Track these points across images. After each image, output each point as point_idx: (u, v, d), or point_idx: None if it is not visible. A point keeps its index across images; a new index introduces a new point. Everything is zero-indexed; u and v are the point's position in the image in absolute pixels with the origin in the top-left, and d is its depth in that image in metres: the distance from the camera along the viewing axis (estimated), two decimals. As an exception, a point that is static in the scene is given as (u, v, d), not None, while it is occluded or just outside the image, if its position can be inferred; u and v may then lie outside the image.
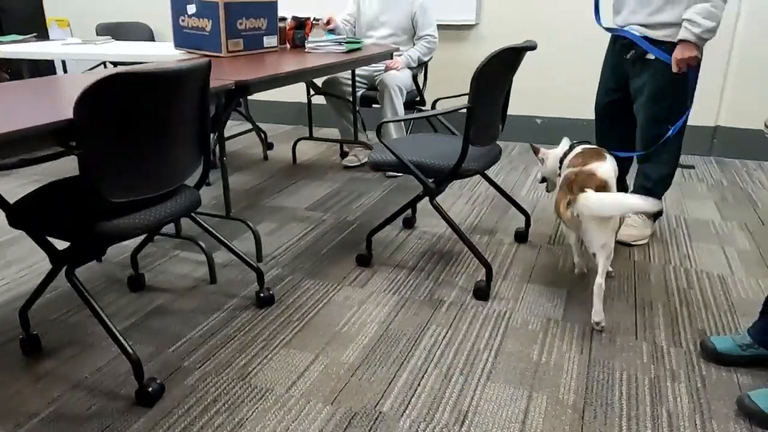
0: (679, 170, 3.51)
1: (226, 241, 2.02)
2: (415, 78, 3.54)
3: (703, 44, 2.21)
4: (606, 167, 1.97)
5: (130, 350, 1.53)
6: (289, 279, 2.22)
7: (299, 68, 2.43)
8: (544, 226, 2.70)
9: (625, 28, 2.37)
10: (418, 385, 1.62)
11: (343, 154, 3.81)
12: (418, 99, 3.59)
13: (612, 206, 1.80)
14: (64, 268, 1.62)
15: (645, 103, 2.39)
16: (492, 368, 1.69)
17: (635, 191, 2.52)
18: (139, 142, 1.49)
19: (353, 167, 3.60)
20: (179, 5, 2.92)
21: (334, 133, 3.95)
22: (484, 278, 2.08)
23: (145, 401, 1.54)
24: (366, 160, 3.69)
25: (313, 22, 3.36)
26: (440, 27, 3.58)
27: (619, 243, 2.48)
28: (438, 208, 2.12)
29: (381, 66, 3.46)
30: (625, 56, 2.39)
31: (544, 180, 2.41)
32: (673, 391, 1.58)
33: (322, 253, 2.43)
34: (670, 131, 2.34)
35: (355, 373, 1.67)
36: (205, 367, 1.70)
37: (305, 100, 3.74)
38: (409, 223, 2.69)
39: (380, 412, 1.51)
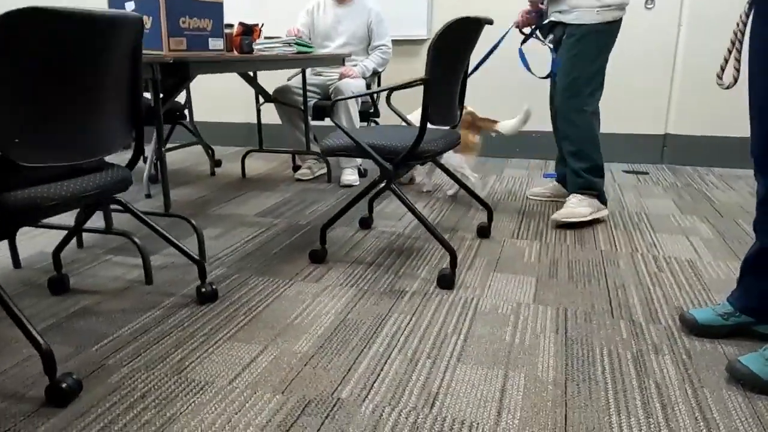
0: (633, 175, 3.54)
1: (162, 231, 1.81)
2: (368, 87, 3.46)
3: None
4: None
5: (40, 340, 1.29)
6: (235, 277, 2.01)
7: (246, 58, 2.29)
8: (507, 222, 2.59)
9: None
10: (381, 370, 1.43)
11: (296, 168, 3.65)
12: (372, 111, 3.51)
13: None
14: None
15: None
16: (462, 351, 1.52)
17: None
18: (56, 98, 1.31)
19: (306, 180, 3.45)
20: (118, 3, 2.77)
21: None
22: (449, 266, 1.94)
23: (57, 400, 1.30)
24: (320, 172, 3.54)
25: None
26: (392, 42, 3.54)
27: (563, 225, 2.53)
28: (397, 192, 1.98)
29: (335, 75, 3.38)
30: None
31: None
32: (659, 363, 1.45)
33: (272, 253, 2.24)
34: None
35: (309, 362, 1.47)
36: (134, 364, 1.46)
37: (255, 120, 3.59)
38: (366, 224, 2.54)
39: (338, 399, 1.32)
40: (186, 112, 3.60)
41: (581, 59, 2.48)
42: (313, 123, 3.44)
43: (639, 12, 3.64)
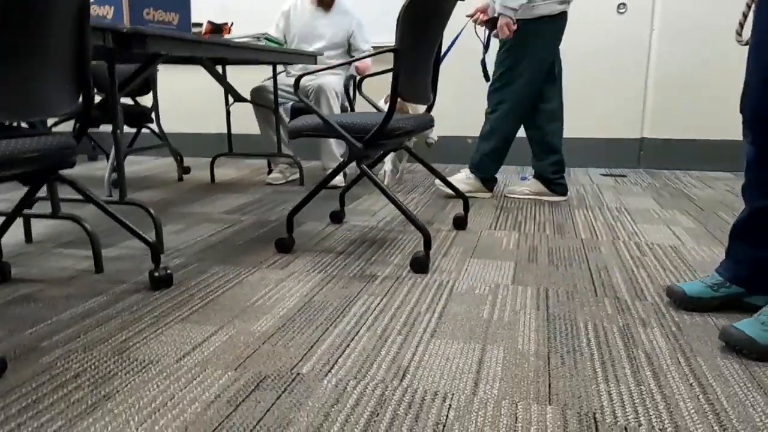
0: (611, 177, 3.49)
1: (112, 212, 1.67)
2: (346, 88, 3.40)
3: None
4: None
5: (-42, 312, 1.14)
6: (194, 266, 1.87)
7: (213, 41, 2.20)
8: (484, 217, 2.50)
9: None
10: (347, 346, 1.30)
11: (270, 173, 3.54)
12: (349, 111, 3.44)
13: None
14: None
15: None
16: (436, 327, 1.40)
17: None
18: (-15, 43, 1.19)
19: (278, 185, 3.33)
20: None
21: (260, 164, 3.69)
22: (422, 249, 1.82)
23: (-25, 380, 1.14)
24: (293, 177, 3.43)
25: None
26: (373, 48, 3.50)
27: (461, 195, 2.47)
28: (367, 173, 1.87)
29: (313, 77, 3.31)
30: None
31: None
32: (647, 335, 1.35)
33: (236, 245, 2.10)
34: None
35: (268, 341, 1.33)
36: (71, 346, 1.31)
37: (225, 129, 3.48)
38: (338, 218, 2.42)
39: (298, 374, 1.18)
40: (153, 116, 3.48)
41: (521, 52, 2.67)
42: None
43: (612, 17, 3.66)
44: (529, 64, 2.69)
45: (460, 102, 3.90)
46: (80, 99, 1.50)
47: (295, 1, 3.42)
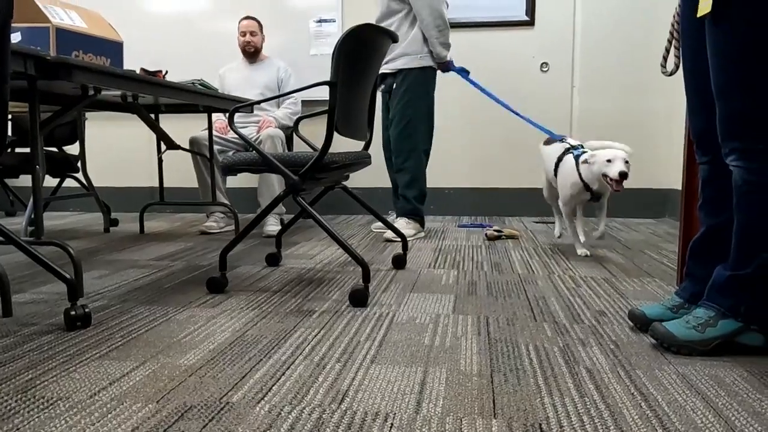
0: (543, 224, 3.60)
1: (24, 244, 1.54)
2: (288, 138, 3.42)
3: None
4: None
5: None
6: (116, 307, 1.74)
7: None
8: (423, 257, 2.49)
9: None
10: (282, 375, 1.22)
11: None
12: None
13: None
14: None
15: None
16: (376, 354, 1.34)
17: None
18: None
19: (213, 234, 3.22)
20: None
21: (195, 215, 3.58)
22: (361, 281, 1.78)
23: None
24: (228, 228, 3.33)
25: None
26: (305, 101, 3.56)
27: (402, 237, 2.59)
28: (302, 204, 1.84)
29: (253, 128, 3.32)
30: None
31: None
32: (587, 353, 1.34)
33: (165, 287, 1.98)
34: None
35: (195, 373, 1.23)
36: (-34, 387, 1.16)
37: (158, 183, 3.37)
38: (274, 260, 2.35)
39: (227, 403, 1.08)
40: (79, 165, 3.33)
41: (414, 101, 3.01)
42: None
43: (536, 75, 3.90)
44: (429, 109, 3.05)
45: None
46: (-6, 123, 1.41)
47: (230, 65, 3.56)
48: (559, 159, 2.53)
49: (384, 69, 2.97)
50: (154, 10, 4.13)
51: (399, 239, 2.41)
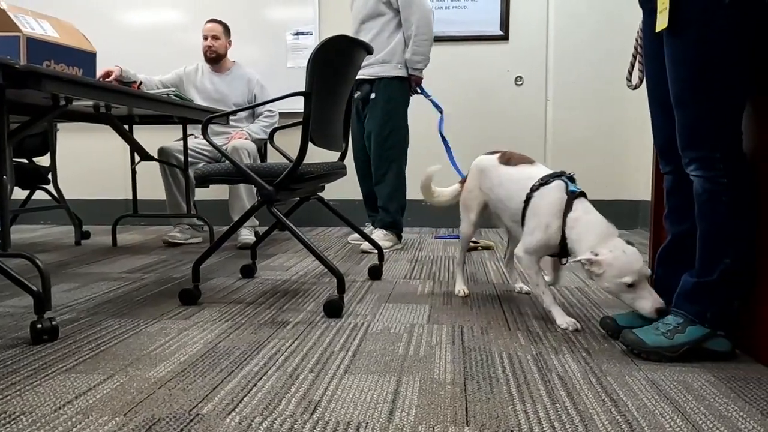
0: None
1: (-9, 258, 1.51)
2: (259, 150, 3.39)
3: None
4: None
5: None
6: (86, 320, 1.70)
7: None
8: (399, 268, 2.49)
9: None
10: (254, 386, 1.20)
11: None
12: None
13: None
14: None
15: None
16: (350, 364, 1.33)
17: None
18: None
19: (179, 245, 3.16)
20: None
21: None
22: (336, 292, 1.77)
23: None
24: (194, 240, 3.28)
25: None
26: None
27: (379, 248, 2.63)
28: (277, 215, 1.83)
29: (224, 140, 3.28)
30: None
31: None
32: (559, 360, 1.36)
33: (136, 300, 1.95)
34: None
35: (165, 386, 1.20)
36: (-76, 403, 1.12)
37: (131, 196, 3.32)
38: (249, 272, 2.32)
39: (197, 414, 1.07)
40: (50, 177, 3.27)
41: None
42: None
43: (511, 88, 3.96)
44: (406, 119, 3.07)
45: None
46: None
47: (192, 68, 3.44)
48: (535, 188, 1.67)
49: (361, 75, 2.84)
50: (128, 22, 4.10)
51: (375, 251, 2.40)
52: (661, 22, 1.30)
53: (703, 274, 1.33)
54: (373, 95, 2.98)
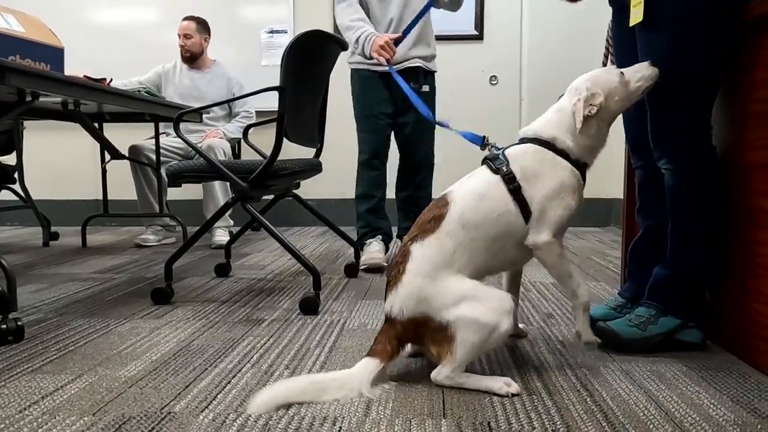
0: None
1: (-48, 257, 1.45)
2: (233, 149, 3.35)
3: None
4: None
5: None
6: (53, 320, 1.65)
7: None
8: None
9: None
10: (228, 383, 1.18)
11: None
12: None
13: None
14: None
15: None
16: (326, 360, 1.32)
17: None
18: None
19: (149, 246, 3.10)
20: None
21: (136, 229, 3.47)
22: (312, 289, 1.76)
23: None
24: (167, 241, 3.22)
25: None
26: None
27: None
28: (251, 212, 1.80)
29: (199, 138, 3.23)
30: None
31: None
32: (535, 353, 1.36)
33: (106, 300, 1.90)
34: None
35: (136, 384, 1.17)
36: None
37: (101, 196, 3.24)
38: (223, 271, 2.29)
39: (169, 413, 1.04)
40: (16, 176, 3.18)
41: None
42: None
43: (485, 88, 3.98)
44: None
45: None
46: None
47: (171, 65, 3.41)
48: (501, 164, 1.44)
49: (415, 62, 2.47)
50: (98, 18, 4.01)
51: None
52: (636, 15, 1.32)
53: (675, 266, 1.35)
54: (426, 87, 2.56)
